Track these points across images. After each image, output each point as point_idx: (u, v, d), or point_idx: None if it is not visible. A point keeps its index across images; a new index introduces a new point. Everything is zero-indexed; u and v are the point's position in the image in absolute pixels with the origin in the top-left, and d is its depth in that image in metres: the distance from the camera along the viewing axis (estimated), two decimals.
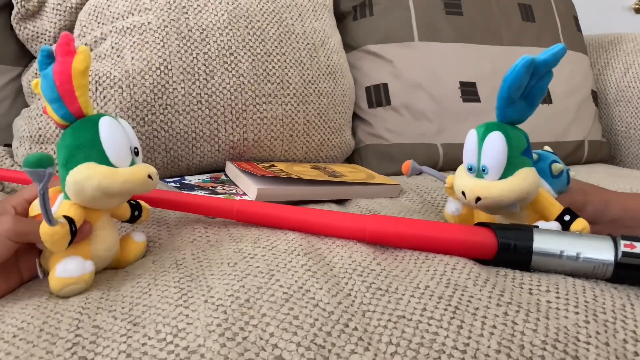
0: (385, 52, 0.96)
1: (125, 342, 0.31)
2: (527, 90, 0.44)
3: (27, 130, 0.71)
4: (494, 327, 0.34)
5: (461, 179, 0.48)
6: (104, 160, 0.39)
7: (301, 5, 0.86)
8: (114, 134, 0.40)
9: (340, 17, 1.01)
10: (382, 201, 0.65)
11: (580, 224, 0.44)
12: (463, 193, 0.46)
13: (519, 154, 0.45)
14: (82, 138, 0.39)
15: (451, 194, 0.53)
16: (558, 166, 0.50)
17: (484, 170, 0.45)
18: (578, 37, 1.15)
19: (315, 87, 0.82)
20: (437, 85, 0.94)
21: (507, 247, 0.42)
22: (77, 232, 0.38)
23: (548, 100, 1.02)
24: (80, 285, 0.38)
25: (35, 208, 0.41)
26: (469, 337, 0.33)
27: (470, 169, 0.47)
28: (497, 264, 0.43)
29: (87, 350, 0.31)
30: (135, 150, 0.42)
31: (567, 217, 0.45)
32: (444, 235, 0.44)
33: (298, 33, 0.83)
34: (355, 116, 0.97)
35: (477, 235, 0.44)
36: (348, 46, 0.99)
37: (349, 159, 0.96)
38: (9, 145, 0.77)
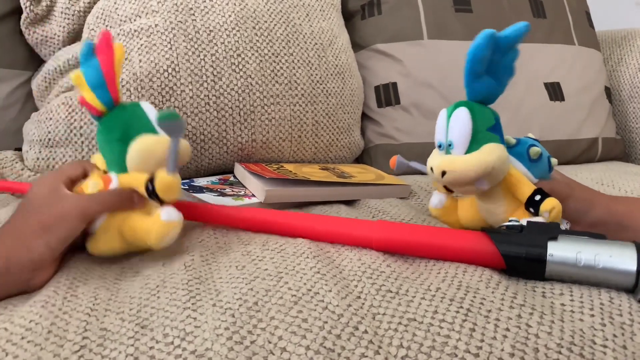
0: (394, 51, 0.95)
1: (132, 345, 0.31)
2: (493, 66, 0.45)
3: (36, 134, 0.72)
4: (507, 329, 0.33)
5: (431, 157, 0.48)
6: (155, 133, 0.45)
7: (309, 5, 0.86)
8: (155, 112, 0.46)
9: (348, 17, 1.00)
10: (391, 202, 0.64)
11: (550, 203, 0.43)
12: (432, 170, 0.47)
13: (485, 130, 0.45)
14: (133, 116, 0.45)
15: (436, 186, 0.54)
16: (536, 150, 0.49)
17: (450, 146, 0.46)
18: (590, 33, 1.13)
19: (324, 87, 0.82)
20: (447, 83, 0.93)
21: (518, 258, 0.40)
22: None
23: (560, 97, 1.01)
24: (178, 230, 0.43)
25: (89, 188, 0.44)
26: (482, 340, 0.32)
27: (439, 147, 0.47)
28: (511, 274, 0.41)
29: (94, 354, 0.30)
30: None
31: (537, 197, 0.44)
32: (457, 245, 0.43)
33: (306, 33, 0.82)
34: (364, 116, 0.96)
35: (487, 243, 0.42)
36: (356, 45, 0.99)
37: (359, 159, 0.96)
38: (20, 149, 0.78)
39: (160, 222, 0.41)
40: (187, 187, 0.66)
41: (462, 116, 0.45)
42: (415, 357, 0.31)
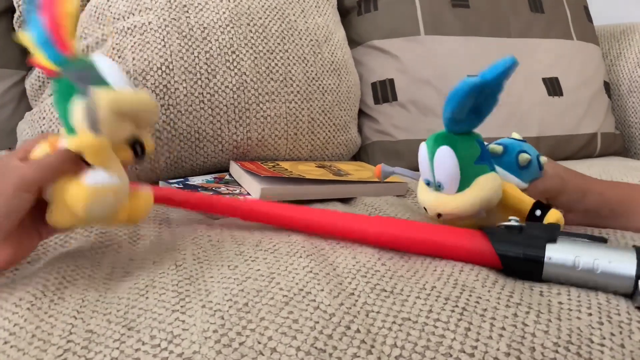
0: (390, 47, 0.95)
1: (117, 348, 0.30)
2: (476, 106, 0.42)
3: (30, 134, 0.71)
4: (503, 329, 0.32)
5: (422, 194, 0.47)
6: (108, 87, 0.39)
7: (304, 1, 0.85)
8: (113, 65, 0.40)
9: (344, 13, 1.00)
10: (388, 199, 0.64)
11: (553, 216, 0.42)
12: (426, 209, 0.45)
13: (472, 163, 0.43)
14: (81, 71, 0.39)
15: None
16: (525, 157, 0.48)
17: (440, 186, 0.44)
18: (589, 28, 1.12)
19: (320, 84, 0.81)
20: (444, 79, 0.92)
21: (515, 259, 0.40)
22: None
23: (559, 92, 1.00)
24: (110, 199, 0.36)
25: (38, 152, 0.39)
26: (477, 340, 0.31)
27: (428, 184, 0.46)
28: (508, 274, 0.41)
29: (77, 356, 0.30)
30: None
31: (538, 212, 0.43)
32: (454, 243, 0.42)
33: (301, 29, 0.81)
34: (361, 113, 0.96)
35: (484, 243, 0.41)
36: (353, 42, 0.98)
37: (356, 157, 0.95)
38: (13, 149, 0.77)
39: (85, 187, 0.35)
40: (181, 187, 0.65)
41: (447, 156, 0.43)
42: (409, 356, 0.30)
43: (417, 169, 0.54)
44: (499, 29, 0.99)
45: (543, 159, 0.50)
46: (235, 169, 0.70)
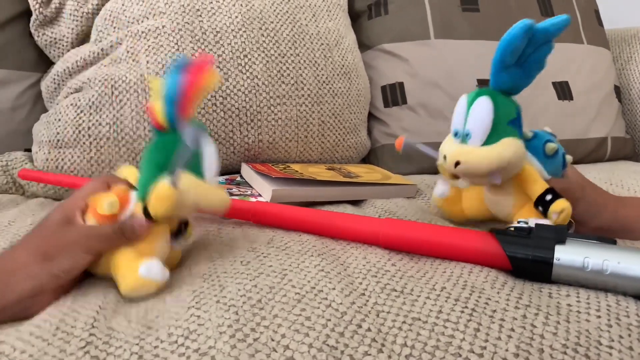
0: (400, 50, 0.95)
1: (137, 344, 0.31)
2: (523, 58, 0.43)
3: (45, 135, 0.73)
4: (512, 330, 0.33)
5: (445, 143, 0.47)
6: (199, 174, 0.41)
7: (315, 5, 0.86)
8: (214, 151, 0.43)
9: (354, 17, 1.01)
10: (398, 201, 0.64)
11: (560, 205, 0.43)
12: (445, 158, 0.45)
13: (506, 123, 0.44)
14: (186, 144, 0.39)
15: (444, 172, 0.52)
16: (552, 146, 0.48)
17: (467, 135, 0.44)
18: (599, 32, 1.12)
19: (330, 88, 0.82)
20: (453, 83, 0.92)
21: (525, 261, 0.40)
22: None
23: (569, 96, 1.00)
24: (154, 289, 0.38)
25: (104, 207, 0.40)
26: (486, 341, 0.32)
27: (455, 134, 0.46)
28: (518, 275, 0.41)
29: (99, 350, 0.31)
30: None
31: (548, 197, 0.43)
32: (464, 245, 0.43)
33: (312, 33, 0.82)
34: (371, 116, 0.96)
35: (494, 244, 0.42)
36: (363, 45, 0.99)
37: (365, 160, 0.95)
38: (29, 150, 0.78)
39: (136, 276, 0.37)
40: None
41: (484, 106, 0.43)
42: (419, 356, 0.31)
43: (430, 166, 0.54)
44: None
45: (569, 157, 0.50)
46: (246, 171, 0.71)
